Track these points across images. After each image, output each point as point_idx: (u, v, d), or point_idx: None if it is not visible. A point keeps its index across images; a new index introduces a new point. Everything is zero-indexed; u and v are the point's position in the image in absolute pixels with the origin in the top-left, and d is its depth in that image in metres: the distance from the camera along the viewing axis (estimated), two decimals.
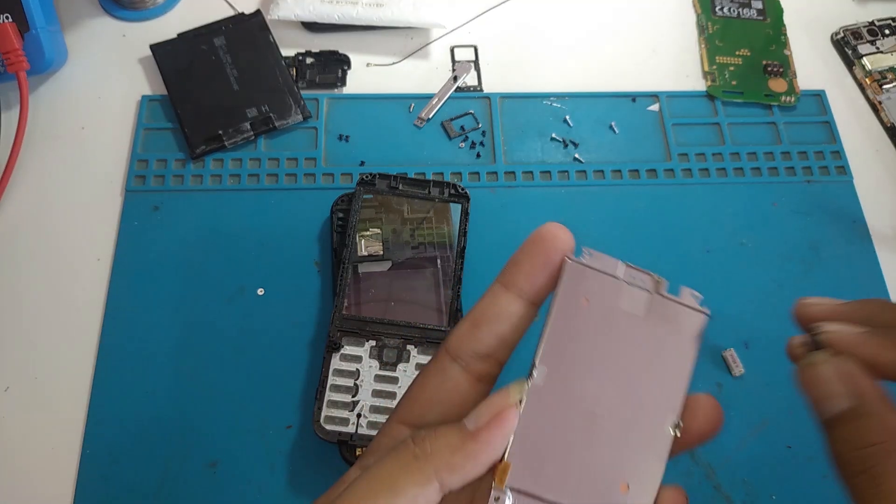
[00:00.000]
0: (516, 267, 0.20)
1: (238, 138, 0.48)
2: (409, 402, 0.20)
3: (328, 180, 0.48)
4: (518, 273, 0.20)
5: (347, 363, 0.39)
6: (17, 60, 0.46)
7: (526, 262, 0.20)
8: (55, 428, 0.40)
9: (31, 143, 0.48)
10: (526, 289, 0.20)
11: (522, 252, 0.20)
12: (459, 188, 0.44)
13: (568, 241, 0.20)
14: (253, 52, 0.50)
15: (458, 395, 0.20)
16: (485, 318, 0.20)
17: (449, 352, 0.20)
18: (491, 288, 0.21)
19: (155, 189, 0.47)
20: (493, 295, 0.20)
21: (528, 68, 0.53)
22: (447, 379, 0.20)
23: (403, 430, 0.20)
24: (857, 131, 0.52)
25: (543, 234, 0.20)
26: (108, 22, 0.53)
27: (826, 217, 0.48)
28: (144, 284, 0.44)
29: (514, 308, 0.20)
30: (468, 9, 0.55)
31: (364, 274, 0.41)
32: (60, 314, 0.43)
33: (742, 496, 0.40)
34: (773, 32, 0.55)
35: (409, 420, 0.20)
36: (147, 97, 0.50)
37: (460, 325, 0.20)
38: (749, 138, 0.51)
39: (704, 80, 0.53)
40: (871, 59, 0.54)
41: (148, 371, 0.41)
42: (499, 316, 0.20)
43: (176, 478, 0.39)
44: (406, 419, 0.20)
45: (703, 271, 0.46)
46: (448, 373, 0.20)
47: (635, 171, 0.49)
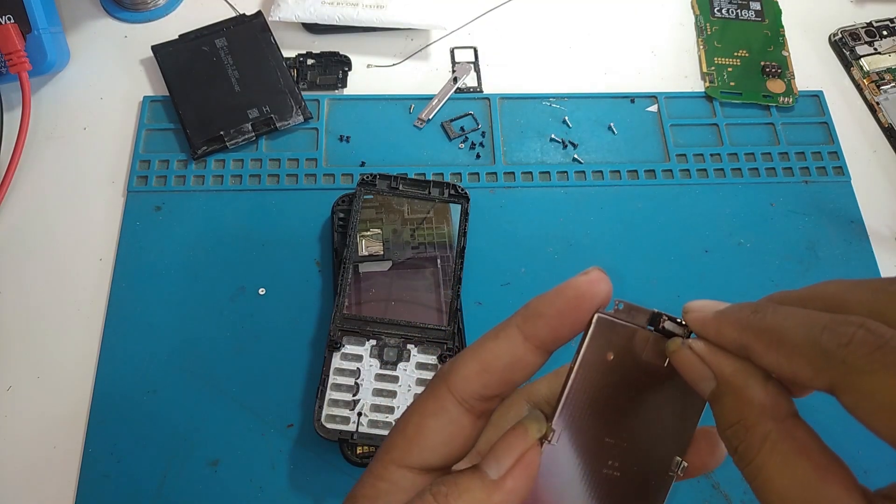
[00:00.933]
0: (542, 319, 0.18)
1: (239, 139, 0.48)
2: (405, 443, 0.19)
3: (329, 181, 0.48)
4: (542, 326, 0.18)
5: (348, 362, 0.39)
6: (19, 61, 0.46)
7: (554, 315, 0.18)
8: (58, 427, 0.40)
9: (33, 143, 0.48)
10: (547, 342, 0.18)
11: (551, 303, 0.18)
12: (459, 188, 0.44)
13: (605, 297, 0.18)
14: (254, 53, 0.50)
15: (461, 434, 0.19)
16: (497, 366, 0.18)
17: (452, 391, 0.18)
18: (507, 331, 0.18)
19: (157, 189, 0.47)
20: (509, 341, 0.18)
21: (527, 69, 0.53)
22: (450, 421, 0.18)
23: (405, 475, 0.18)
24: (855, 132, 0.52)
25: (580, 288, 0.18)
26: (110, 23, 0.54)
27: (824, 217, 0.49)
28: (146, 284, 0.44)
29: (530, 359, 0.18)
30: (468, 10, 0.55)
31: (364, 274, 0.41)
32: (63, 314, 0.43)
33: (740, 495, 0.40)
34: (772, 33, 0.55)
35: (408, 463, 0.18)
36: (149, 98, 0.50)
37: (467, 365, 0.18)
38: (747, 139, 0.51)
39: (703, 81, 0.54)
40: (869, 60, 0.54)
41: (149, 370, 0.41)
42: (513, 366, 0.18)
43: (177, 476, 0.39)
44: (404, 462, 0.18)
45: (701, 271, 0.46)
46: (450, 414, 0.18)
47: (634, 172, 0.49)
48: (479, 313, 0.44)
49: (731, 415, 0.17)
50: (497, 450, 0.18)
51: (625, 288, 0.46)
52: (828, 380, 0.15)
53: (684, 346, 0.19)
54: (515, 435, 0.18)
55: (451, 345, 0.40)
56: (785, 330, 0.16)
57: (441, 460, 0.19)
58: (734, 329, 0.18)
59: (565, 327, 0.18)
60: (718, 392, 0.18)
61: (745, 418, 0.17)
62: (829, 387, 0.16)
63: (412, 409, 0.19)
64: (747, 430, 0.17)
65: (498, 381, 0.18)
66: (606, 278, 0.18)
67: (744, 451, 0.16)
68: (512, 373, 0.18)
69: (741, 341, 0.18)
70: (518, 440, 0.18)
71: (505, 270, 0.45)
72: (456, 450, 0.19)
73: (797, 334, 0.16)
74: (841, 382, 0.15)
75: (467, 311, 0.43)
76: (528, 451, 0.18)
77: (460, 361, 0.19)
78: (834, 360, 0.15)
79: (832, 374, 0.15)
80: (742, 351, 0.18)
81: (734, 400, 0.17)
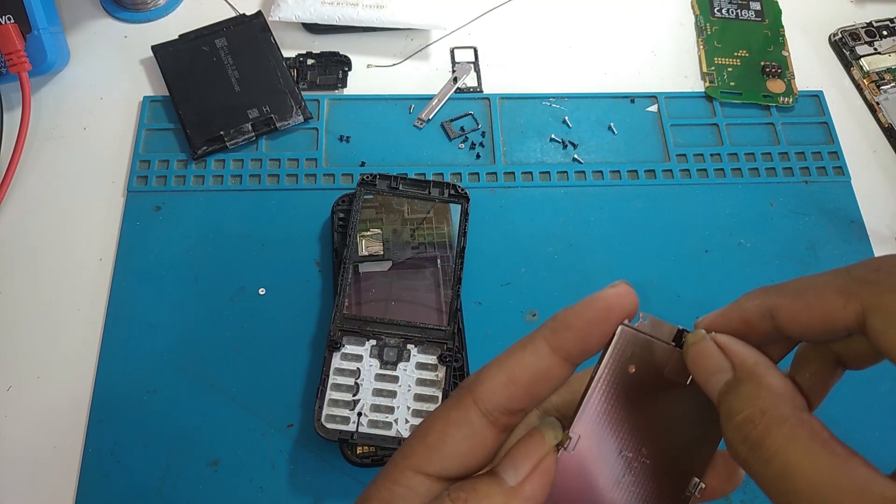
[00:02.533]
0: (569, 331, 0.18)
1: (239, 139, 0.48)
2: (426, 450, 0.18)
3: (329, 181, 0.48)
4: (571, 338, 0.18)
5: (348, 362, 0.39)
6: (19, 61, 0.46)
7: (582, 327, 0.18)
8: (57, 426, 0.40)
9: (33, 143, 0.48)
10: (574, 355, 0.18)
11: (579, 315, 0.18)
12: (459, 188, 0.44)
13: (632, 309, 0.19)
14: (254, 53, 0.50)
15: (483, 447, 0.19)
16: (524, 378, 0.18)
17: (477, 403, 0.18)
18: (535, 343, 0.19)
19: (157, 189, 0.47)
20: (536, 354, 0.18)
21: (527, 69, 0.53)
22: (473, 432, 0.18)
23: (423, 481, 0.18)
24: (855, 132, 0.52)
25: (609, 300, 0.18)
26: (110, 23, 0.54)
27: (824, 217, 0.49)
28: (146, 284, 0.44)
29: (557, 371, 0.18)
30: (468, 10, 0.55)
31: (364, 274, 0.41)
32: (63, 314, 0.43)
33: (740, 495, 0.40)
34: (772, 33, 0.55)
35: (427, 470, 0.18)
36: (149, 98, 0.50)
37: (494, 377, 0.18)
38: (747, 139, 0.51)
39: (703, 81, 0.54)
40: (869, 60, 0.54)
41: (150, 370, 0.41)
42: (540, 378, 0.18)
43: (177, 476, 0.39)
44: (423, 468, 0.18)
45: (701, 271, 0.46)
46: (474, 425, 0.18)
47: (634, 172, 0.49)
48: (479, 313, 0.44)
49: (746, 402, 0.17)
50: (514, 456, 0.18)
51: None
52: (859, 303, 0.16)
53: (706, 338, 0.19)
54: (532, 441, 0.18)
55: (451, 345, 0.40)
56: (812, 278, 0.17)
57: (460, 470, 0.19)
58: (756, 297, 0.19)
59: (593, 339, 0.18)
60: (735, 381, 0.18)
61: (763, 403, 0.17)
62: (860, 311, 0.16)
63: (435, 416, 0.19)
64: (763, 414, 0.16)
65: (524, 394, 0.18)
66: (633, 292, 0.18)
67: (757, 438, 0.16)
68: (538, 385, 0.18)
69: (766, 303, 0.18)
70: (535, 446, 0.18)
71: (505, 270, 0.45)
72: (476, 461, 0.19)
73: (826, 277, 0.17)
74: (873, 303, 0.16)
75: (467, 311, 0.43)
76: (545, 457, 0.18)
77: (487, 373, 0.19)
78: (865, 283, 0.16)
79: (864, 296, 0.16)
80: (766, 314, 0.18)
81: (752, 387, 0.17)
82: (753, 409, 0.17)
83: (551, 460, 0.18)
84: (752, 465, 0.16)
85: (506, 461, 0.18)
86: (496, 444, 0.19)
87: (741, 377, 0.17)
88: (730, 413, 0.17)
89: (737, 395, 0.17)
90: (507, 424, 0.19)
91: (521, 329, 0.44)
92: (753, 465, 0.16)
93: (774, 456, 0.16)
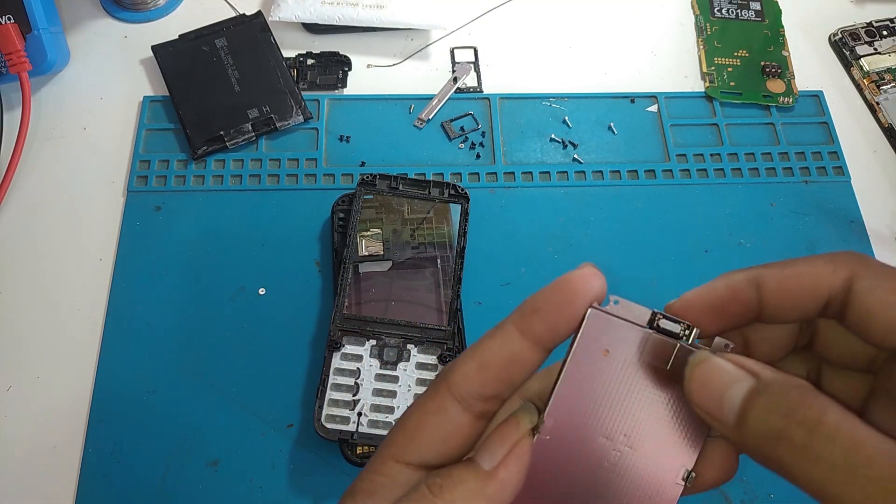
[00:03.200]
0: (536, 315, 0.18)
1: (239, 139, 0.48)
2: (404, 440, 0.19)
3: (329, 181, 0.48)
4: (538, 321, 0.18)
5: (348, 362, 0.39)
6: (19, 61, 0.46)
7: (549, 310, 0.18)
8: (57, 427, 0.40)
9: (33, 143, 0.48)
10: (545, 338, 0.18)
11: (545, 298, 0.18)
12: (459, 189, 0.44)
13: (598, 290, 0.18)
14: (254, 53, 0.50)
15: (460, 434, 0.19)
16: (495, 363, 0.18)
17: (451, 390, 0.19)
18: (504, 329, 0.19)
19: (157, 189, 0.47)
20: (506, 338, 0.18)
21: (527, 69, 0.53)
22: (448, 420, 0.19)
23: (402, 470, 0.19)
24: (855, 132, 0.52)
25: (573, 282, 0.18)
26: (110, 23, 0.54)
27: (824, 217, 0.49)
28: (146, 284, 0.44)
29: (528, 355, 0.18)
30: (468, 10, 0.55)
31: (364, 274, 0.41)
32: (63, 314, 0.43)
33: (741, 495, 0.40)
34: (772, 33, 0.55)
35: (406, 459, 0.19)
36: (149, 98, 0.50)
37: (465, 364, 0.19)
38: (747, 139, 0.51)
39: (703, 81, 0.54)
40: (869, 60, 0.54)
41: (149, 370, 0.41)
42: (510, 362, 0.18)
43: (177, 476, 0.39)
44: (403, 458, 0.19)
45: (701, 271, 0.46)
46: (449, 413, 0.19)
47: (634, 172, 0.49)
48: (479, 313, 0.44)
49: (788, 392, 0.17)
50: (489, 441, 0.18)
51: (625, 288, 0.45)
52: (847, 270, 0.17)
53: (713, 356, 0.18)
54: (508, 426, 0.19)
55: (451, 345, 0.40)
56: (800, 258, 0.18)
57: (439, 458, 0.19)
58: (742, 270, 0.19)
59: (560, 322, 0.18)
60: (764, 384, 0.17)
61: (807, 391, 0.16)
62: (848, 276, 0.17)
63: (413, 406, 0.19)
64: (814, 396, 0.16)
65: (496, 379, 0.18)
66: (599, 273, 0.18)
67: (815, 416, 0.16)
68: (509, 371, 0.18)
69: (753, 273, 0.19)
70: (510, 431, 0.18)
71: (505, 270, 0.45)
72: (454, 449, 0.19)
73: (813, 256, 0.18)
74: (861, 269, 0.17)
75: (467, 311, 0.43)
76: (519, 441, 0.18)
77: (459, 360, 0.19)
78: (854, 256, 0.18)
79: (852, 265, 0.18)
80: (752, 284, 0.19)
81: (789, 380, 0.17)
82: (798, 393, 0.16)
83: (526, 445, 0.18)
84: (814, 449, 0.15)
85: (481, 447, 0.18)
86: (474, 432, 0.19)
87: (769, 377, 0.17)
88: (771, 407, 0.16)
89: (772, 391, 0.17)
90: (484, 411, 0.19)
91: None
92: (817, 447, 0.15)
93: (837, 432, 0.15)
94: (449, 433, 0.19)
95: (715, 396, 0.18)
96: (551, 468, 0.19)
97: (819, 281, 0.18)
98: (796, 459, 0.16)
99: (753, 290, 0.19)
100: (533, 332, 0.18)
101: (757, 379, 0.17)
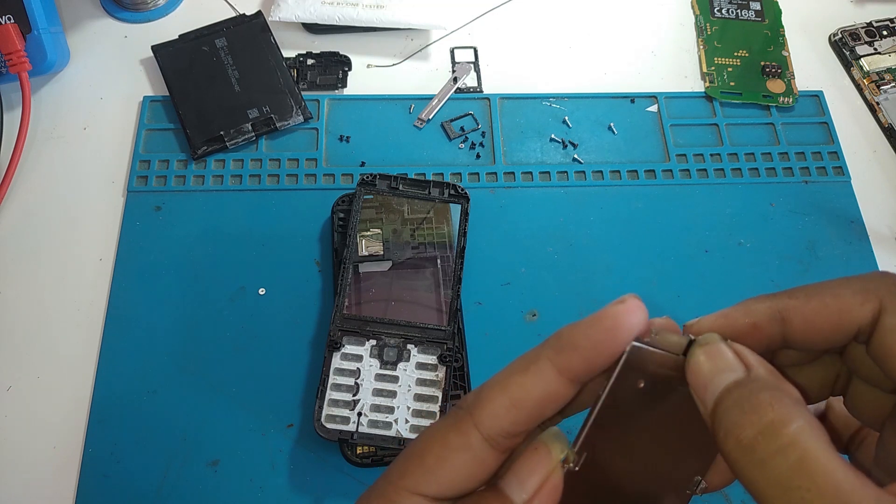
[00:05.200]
0: (575, 352, 0.17)
1: (239, 139, 0.48)
2: (424, 473, 0.18)
3: (329, 181, 0.48)
4: (577, 359, 0.17)
5: (348, 362, 0.39)
6: (19, 61, 0.46)
7: (590, 348, 0.17)
8: (57, 427, 0.40)
9: (33, 143, 0.48)
10: (582, 375, 0.17)
11: (586, 335, 0.17)
12: (459, 189, 0.44)
13: (642, 325, 0.17)
14: (254, 53, 0.50)
15: (484, 471, 0.18)
16: (528, 402, 0.17)
17: (478, 427, 0.17)
18: (538, 365, 0.17)
19: (157, 189, 0.47)
20: (540, 376, 0.17)
21: (527, 69, 0.53)
22: (474, 458, 0.17)
23: (419, 503, 0.18)
24: (855, 132, 0.52)
25: (618, 318, 0.17)
26: (110, 23, 0.54)
27: (824, 217, 0.49)
28: (146, 284, 0.44)
29: (564, 392, 0.17)
30: (468, 10, 0.55)
31: (364, 274, 0.41)
32: (63, 314, 0.43)
33: (741, 494, 0.40)
34: (772, 33, 0.55)
35: (424, 492, 0.18)
36: (149, 98, 0.50)
37: (495, 401, 0.17)
38: (747, 139, 0.51)
39: (703, 81, 0.54)
40: (869, 60, 0.54)
41: (149, 370, 0.41)
42: (546, 402, 0.17)
43: (177, 476, 0.39)
44: (419, 490, 0.18)
45: (701, 271, 0.46)
46: (475, 450, 0.17)
47: (634, 172, 0.49)
48: (479, 313, 0.44)
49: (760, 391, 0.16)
50: (520, 471, 0.17)
51: (625, 288, 0.45)
52: (877, 301, 0.17)
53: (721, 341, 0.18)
54: (538, 455, 0.18)
55: (451, 345, 0.40)
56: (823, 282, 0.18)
57: (458, 492, 0.18)
58: (765, 300, 0.18)
59: (601, 358, 0.17)
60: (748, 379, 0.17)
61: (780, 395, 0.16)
62: (877, 309, 0.17)
63: (433, 438, 0.18)
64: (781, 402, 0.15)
65: (528, 418, 0.17)
66: (642, 306, 0.17)
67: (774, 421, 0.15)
68: (543, 409, 0.17)
69: (777, 305, 0.18)
70: (542, 461, 0.17)
71: (505, 270, 0.45)
72: (475, 483, 0.18)
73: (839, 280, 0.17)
74: (891, 301, 0.17)
75: (467, 311, 0.43)
76: (552, 473, 0.17)
77: (488, 396, 0.18)
78: (885, 284, 0.17)
79: (883, 295, 0.17)
80: (776, 317, 0.18)
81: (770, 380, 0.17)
82: (771, 396, 0.15)
83: (558, 476, 0.17)
84: (760, 453, 0.15)
85: (510, 476, 0.17)
86: (496, 466, 0.18)
87: (757, 375, 0.17)
88: (739, 402, 0.16)
89: (748, 388, 0.16)
90: (510, 447, 0.18)
91: (521, 329, 0.44)
92: (762, 452, 0.15)
93: (791, 446, 0.14)
94: (473, 471, 0.18)
95: (704, 380, 0.17)
96: (579, 499, 0.18)
97: (846, 316, 0.17)
98: (741, 459, 0.15)
99: (777, 324, 0.18)
100: (571, 369, 0.17)
101: (747, 373, 0.17)
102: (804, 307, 0.18)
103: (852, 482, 0.14)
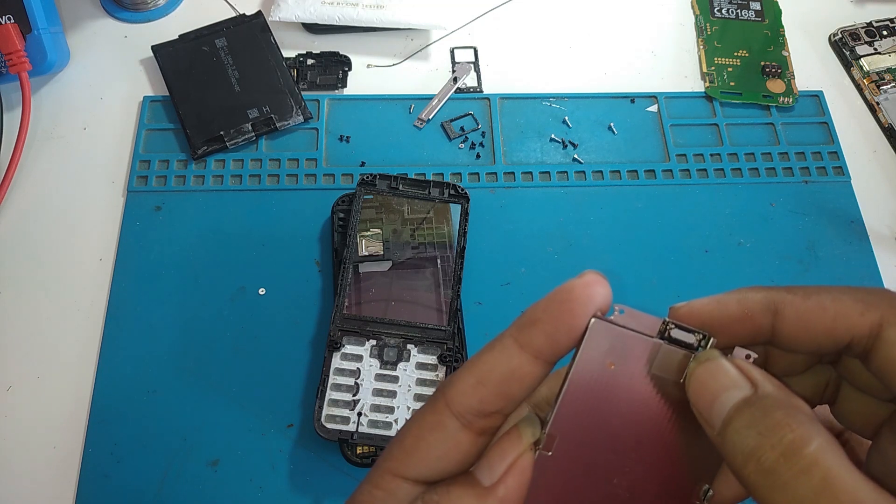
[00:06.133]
0: (535, 326, 0.17)
1: (239, 139, 0.48)
2: (402, 454, 0.18)
3: (329, 181, 0.48)
4: (537, 333, 0.17)
5: (348, 362, 0.39)
6: (19, 61, 0.46)
7: (549, 321, 0.17)
8: (57, 427, 0.40)
9: (33, 143, 0.48)
10: (545, 351, 0.17)
11: (545, 308, 0.17)
12: (459, 189, 0.44)
13: (602, 299, 0.17)
14: (254, 53, 0.50)
15: (458, 451, 0.18)
16: (493, 378, 0.17)
17: (449, 406, 0.18)
18: (502, 342, 0.17)
19: (157, 189, 0.47)
20: (504, 352, 0.17)
21: (527, 69, 0.53)
22: (446, 436, 0.18)
23: (401, 485, 0.18)
24: (855, 132, 0.52)
25: (574, 291, 0.17)
26: (110, 23, 0.54)
27: (824, 217, 0.49)
28: (146, 284, 0.44)
29: (528, 369, 0.17)
30: (468, 10, 0.55)
31: (364, 274, 0.41)
32: (63, 314, 0.43)
33: None
34: (772, 34, 0.55)
35: (404, 474, 0.18)
36: (149, 98, 0.50)
37: (463, 379, 0.18)
38: (747, 139, 0.51)
39: (703, 81, 0.54)
40: (869, 60, 0.54)
41: (150, 370, 0.41)
42: (509, 377, 0.17)
43: (177, 476, 0.39)
44: (400, 472, 0.18)
45: (701, 271, 0.46)
46: (447, 429, 0.18)
47: (634, 172, 0.49)
48: (479, 313, 0.44)
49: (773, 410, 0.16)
50: (489, 456, 0.18)
51: (625, 288, 0.46)
52: (878, 314, 0.16)
53: (721, 356, 0.17)
54: (509, 440, 0.18)
55: (451, 345, 0.40)
56: (824, 286, 0.17)
57: (437, 474, 0.18)
58: (761, 290, 0.18)
59: (561, 334, 0.17)
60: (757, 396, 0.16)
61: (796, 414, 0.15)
62: (878, 322, 0.16)
63: (412, 420, 0.19)
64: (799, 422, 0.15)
65: (494, 395, 0.17)
66: (603, 280, 0.17)
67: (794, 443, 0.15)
68: (509, 385, 0.17)
69: (773, 297, 0.18)
70: (511, 446, 0.18)
71: (505, 270, 0.45)
72: (453, 465, 0.18)
73: (841, 287, 0.17)
74: (893, 314, 0.16)
75: (467, 311, 0.43)
76: (520, 456, 0.17)
77: (457, 375, 0.18)
78: (887, 298, 0.16)
79: (885, 308, 0.16)
80: (769, 309, 0.18)
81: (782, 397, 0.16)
82: (786, 415, 0.15)
83: (527, 460, 0.17)
84: (783, 476, 0.14)
85: (481, 461, 0.18)
86: (474, 448, 0.18)
87: (765, 391, 0.16)
88: (753, 422, 0.16)
89: (760, 406, 0.16)
90: (484, 427, 0.18)
91: None
92: (785, 475, 0.14)
93: (813, 465, 0.14)
94: (447, 450, 0.18)
95: (709, 398, 0.17)
96: (556, 485, 0.18)
97: (843, 321, 0.17)
98: (762, 482, 0.15)
99: (769, 315, 0.18)
100: (532, 344, 0.17)
101: (755, 390, 0.16)
102: (801, 304, 0.17)
103: (875, 499, 0.14)
